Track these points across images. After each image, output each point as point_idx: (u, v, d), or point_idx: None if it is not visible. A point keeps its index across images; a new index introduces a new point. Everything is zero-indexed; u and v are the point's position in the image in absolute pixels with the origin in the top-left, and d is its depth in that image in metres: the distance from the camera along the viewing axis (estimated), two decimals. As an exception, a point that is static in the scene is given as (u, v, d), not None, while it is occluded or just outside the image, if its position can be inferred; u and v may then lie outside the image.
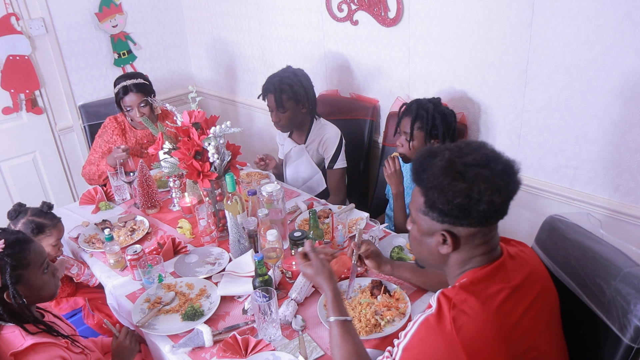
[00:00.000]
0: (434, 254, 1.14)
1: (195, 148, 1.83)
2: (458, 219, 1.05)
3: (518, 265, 1.12)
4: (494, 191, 1.01)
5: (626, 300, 1.10)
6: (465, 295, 1.04)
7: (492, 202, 1.02)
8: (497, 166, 1.04)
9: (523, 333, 1.05)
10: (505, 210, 1.07)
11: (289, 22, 2.83)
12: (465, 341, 0.98)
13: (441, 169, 1.04)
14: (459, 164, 1.04)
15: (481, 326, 1.01)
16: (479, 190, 1.01)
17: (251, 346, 1.42)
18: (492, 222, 1.07)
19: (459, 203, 1.02)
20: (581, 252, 1.25)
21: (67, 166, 3.27)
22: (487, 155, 1.05)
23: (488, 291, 1.05)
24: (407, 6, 2.23)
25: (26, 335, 1.33)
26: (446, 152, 1.07)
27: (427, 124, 1.95)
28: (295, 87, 2.25)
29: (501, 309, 1.03)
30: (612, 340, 1.12)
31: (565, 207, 2.01)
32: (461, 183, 1.02)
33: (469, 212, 1.03)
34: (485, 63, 2.05)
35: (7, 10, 2.78)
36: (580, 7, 1.73)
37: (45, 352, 1.32)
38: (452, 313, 1.01)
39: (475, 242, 1.09)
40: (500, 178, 1.03)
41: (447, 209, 1.04)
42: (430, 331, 1.03)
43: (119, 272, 1.85)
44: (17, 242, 1.35)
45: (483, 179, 1.02)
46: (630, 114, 1.74)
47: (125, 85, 2.42)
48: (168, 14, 3.47)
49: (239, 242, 1.78)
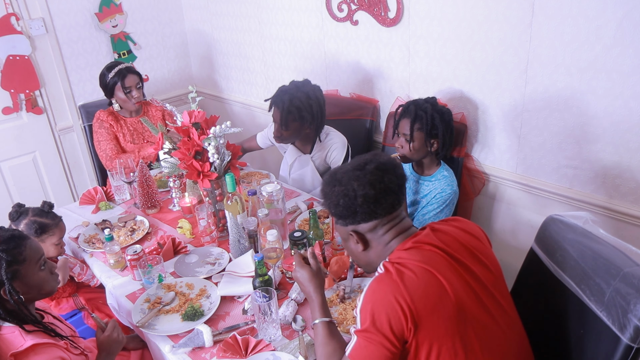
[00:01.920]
0: (357, 255, 1.32)
1: (195, 148, 1.83)
2: (352, 217, 1.24)
3: (440, 236, 1.24)
4: (366, 185, 1.20)
5: (626, 300, 1.10)
6: (403, 255, 1.19)
7: (367, 195, 1.20)
8: (371, 166, 1.23)
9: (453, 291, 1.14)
10: (388, 200, 1.22)
11: (289, 22, 2.83)
12: (408, 285, 1.12)
13: (325, 182, 1.29)
14: (339, 174, 1.26)
15: (419, 277, 1.14)
16: (353, 188, 1.21)
17: (251, 346, 1.42)
18: (381, 212, 1.23)
19: (343, 203, 1.22)
20: (581, 252, 1.26)
21: (67, 166, 3.27)
22: (365, 160, 1.25)
23: (423, 253, 1.19)
24: (407, 6, 2.23)
25: (26, 336, 1.33)
26: (337, 169, 1.29)
27: (426, 124, 1.95)
28: (303, 112, 2.18)
29: (441, 265, 1.17)
30: (612, 339, 1.12)
31: (565, 207, 2.01)
32: (339, 187, 1.23)
33: (354, 209, 1.22)
34: (485, 63, 2.05)
35: (7, 10, 2.78)
36: (580, 7, 1.73)
37: (45, 353, 1.32)
38: (394, 267, 1.16)
39: (379, 233, 1.26)
40: (372, 174, 1.21)
41: (339, 211, 1.25)
42: (379, 282, 1.17)
43: (119, 272, 1.85)
44: (12, 238, 1.35)
45: (355, 178, 1.22)
46: (630, 114, 1.74)
47: (121, 68, 2.53)
48: (168, 14, 3.47)
49: (239, 242, 1.78)
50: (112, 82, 2.53)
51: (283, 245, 1.75)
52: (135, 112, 2.64)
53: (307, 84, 2.26)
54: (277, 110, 2.21)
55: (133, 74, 2.56)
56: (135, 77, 2.56)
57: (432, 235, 1.23)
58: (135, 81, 2.55)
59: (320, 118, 2.25)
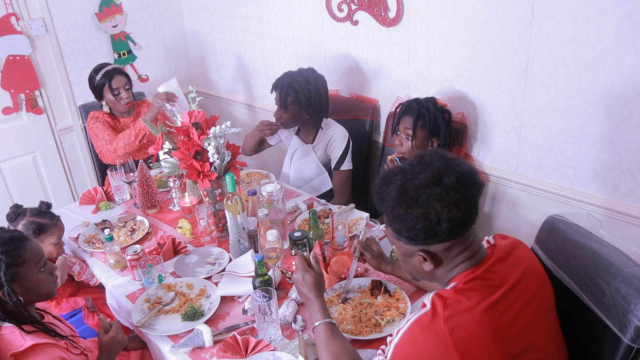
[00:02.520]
0: (420, 271, 1.16)
1: (195, 148, 1.83)
2: (426, 240, 1.06)
3: (512, 265, 1.12)
4: (452, 207, 1.01)
5: (626, 300, 1.10)
6: (459, 296, 1.04)
7: (453, 218, 1.02)
8: (450, 179, 1.03)
9: (518, 333, 1.04)
10: (472, 218, 1.07)
11: (289, 22, 2.83)
12: (458, 341, 0.99)
13: (395, 199, 1.05)
14: (411, 189, 1.03)
15: (474, 327, 1.01)
16: (436, 211, 1.01)
17: (251, 346, 1.42)
18: (460, 233, 1.07)
19: (421, 227, 1.03)
20: (581, 252, 1.25)
21: (67, 166, 3.27)
22: (439, 170, 1.04)
23: (481, 293, 1.05)
24: (407, 6, 2.23)
25: (26, 336, 1.33)
26: (398, 176, 1.07)
27: (429, 122, 1.95)
28: (300, 95, 2.25)
29: (494, 310, 1.03)
30: (612, 340, 1.12)
31: (565, 207, 2.01)
32: (416, 209, 1.02)
33: (434, 232, 1.03)
34: (485, 63, 2.05)
35: (7, 10, 2.78)
36: (580, 7, 1.73)
37: (45, 353, 1.32)
38: (445, 313, 1.01)
39: (454, 253, 1.10)
40: (456, 191, 1.02)
41: (412, 235, 1.05)
42: (423, 329, 1.03)
43: (119, 272, 1.85)
44: (12, 239, 1.35)
45: (437, 198, 1.01)
46: (630, 114, 1.74)
47: (107, 70, 2.53)
48: (168, 14, 3.47)
49: (239, 242, 1.78)
50: (100, 84, 2.53)
51: (283, 245, 1.75)
52: (127, 112, 2.64)
53: (310, 70, 2.34)
54: (278, 91, 2.30)
55: (121, 75, 2.54)
56: (123, 78, 2.54)
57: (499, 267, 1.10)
58: (123, 82, 2.54)
59: (318, 104, 2.31)
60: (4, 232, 1.38)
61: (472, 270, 1.10)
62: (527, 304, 1.08)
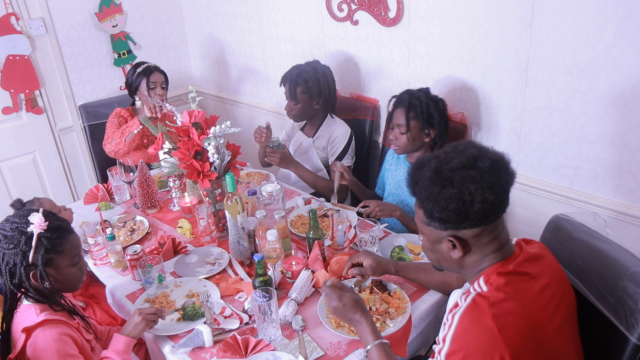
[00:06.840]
0: (448, 260, 1.16)
1: (195, 148, 1.83)
2: (458, 223, 1.07)
3: (541, 266, 1.13)
4: (486, 189, 1.03)
5: (633, 300, 1.10)
6: (503, 295, 1.05)
7: (486, 200, 1.03)
8: (484, 164, 1.05)
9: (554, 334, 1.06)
10: (503, 204, 1.08)
11: (289, 22, 2.83)
12: (508, 339, 0.99)
13: (430, 179, 1.07)
14: (445, 171, 1.06)
15: (522, 325, 1.02)
16: (470, 192, 1.03)
17: (251, 346, 1.42)
18: (493, 218, 1.07)
19: (454, 208, 1.04)
20: (587, 251, 1.25)
21: (67, 166, 3.27)
22: (473, 155, 1.07)
23: (522, 292, 1.06)
24: (407, 6, 2.23)
25: (40, 313, 1.37)
26: (433, 160, 1.10)
27: (422, 112, 1.93)
28: (310, 83, 2.31)
29: (538, 308, 1.05)
30: (620, 339, 1.12)
31: (566, 207, 2.01)
32: (451, 189, 1.04)
33: (467, 214, 1.04)
34: (485, 63, 2.05)
35: (7, 10, 2.78)
36: (580, 7, 1.73)
37: (54, 328, 1.36)
38: (492, 311, 1.02)
39: (483, 241, 1.10)
40: (490, 175, 1.04)
41: (445, 216, 1.06)
42: (473, 322, 1.04)
43: (119, 272, 1.85)
44: (58, 228, 1.41)
45: (471, 179, 1.04)
46: (630, 114, 1.74)
47: (149, 65, 2.62)
48: (168, 14, 3.47)
49: (239, 242, 1.78)
50: (139, 80, 2.59)
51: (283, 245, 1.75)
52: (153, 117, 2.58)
53: (316, 62, 2.42)
54: (287, 84, 2.35)
55: (160, 72, 2.63)
56: (161, 76, 2.63)
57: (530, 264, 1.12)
58: (160, 79, 2.62)
59: (327, 92, 2.37)
60: (54, 218, 1.42)
61: (502, 263, 1.10)
62: (559, 305, 1.10)
